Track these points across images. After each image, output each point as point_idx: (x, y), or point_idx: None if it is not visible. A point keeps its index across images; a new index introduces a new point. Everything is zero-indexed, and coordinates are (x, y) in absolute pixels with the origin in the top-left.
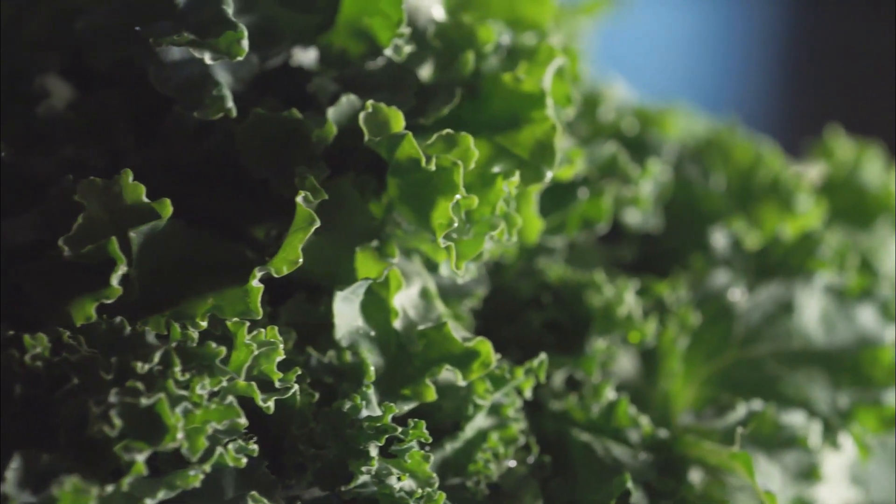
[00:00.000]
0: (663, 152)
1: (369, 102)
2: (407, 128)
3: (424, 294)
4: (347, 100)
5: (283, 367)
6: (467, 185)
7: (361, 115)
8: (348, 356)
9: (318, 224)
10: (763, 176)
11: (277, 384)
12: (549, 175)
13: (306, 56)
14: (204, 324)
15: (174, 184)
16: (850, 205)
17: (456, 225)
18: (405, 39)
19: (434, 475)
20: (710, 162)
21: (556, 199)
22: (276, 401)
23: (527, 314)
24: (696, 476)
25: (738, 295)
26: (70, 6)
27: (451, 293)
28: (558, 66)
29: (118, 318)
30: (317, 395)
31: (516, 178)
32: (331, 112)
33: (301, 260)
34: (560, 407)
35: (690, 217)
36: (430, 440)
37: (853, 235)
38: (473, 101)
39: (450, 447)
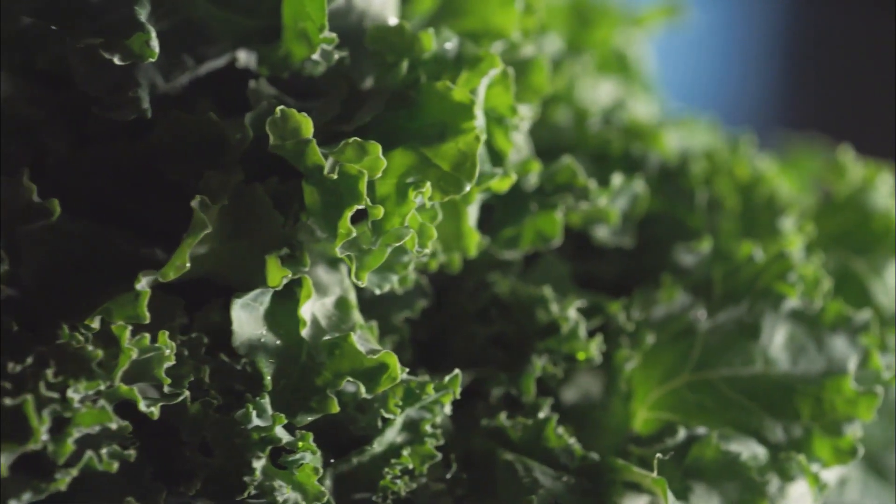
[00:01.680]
0: (648, 167)
1: (279, 107)
2: (330, 134)
3: (341, 304)
4: (268, 104)
5: (173, 372)
6: (384, 196)
7: (268, 120)
8: (248, 364)
9: (208, 230)
10: (760, 194)
11: (166, 390)
12: (467, 187)
13: (252, 59)
14: (95, 326)
15: (103, 185)
16: (854, 226)
17: (355, 235)
18: (334, 45)
19: (323, 490)
20: (701, 178)
21: (511, 211)
22: (172, 407)
23: (473, 328)
24: (626, 501)
25: (700, 316)
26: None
27: (385, 304)
28: (495, 75)
29: None
30: (216, 403)
31: (427, 189)
32: (248, 116)
33: (188, 265)
34: (490, 424)
35: (674, 234)
36: (317, 452)
37: (854, 258)
38: (409, 110)
39: (356, 461)
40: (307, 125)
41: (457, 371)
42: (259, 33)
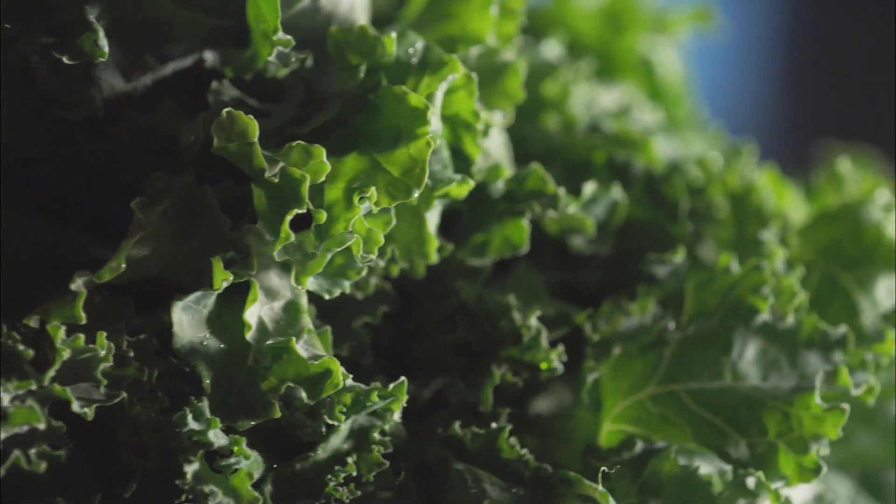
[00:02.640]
0: (633, 176)
1: (225, 109)
2: (283, 137)
3: (290, 308)
4: (219, 106)
5: (113, 373)
6: (333, 201)
7: (214, 122)
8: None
9: (146, 231)
10: (751, 205)
11: (103, 391)
12: (416, 193)
13: (219, 60)
14: (34, 325)
15: (64, 184)
16: (846, 240)
17: (294, 239)
18: (291, 47)
19: (258, 496)
20: (683, 188)
21: (479, 218)
22: (112, 408)
23: (437, 335)
24: None
25: (670, 327)
26: None
27: (346, 309)
28: (457, 80)
29: None
30: (160, 405)
31: (372, 194)
32: (202, 118)
33: (124, 267)
34: (444, 433)
35: (656, 243)
36: (250, 457)
37: (843, 272)
38: (368, 114)
39: (300, 467)
40: (253, 127)
41: (402, 379)
42: (228, 34)
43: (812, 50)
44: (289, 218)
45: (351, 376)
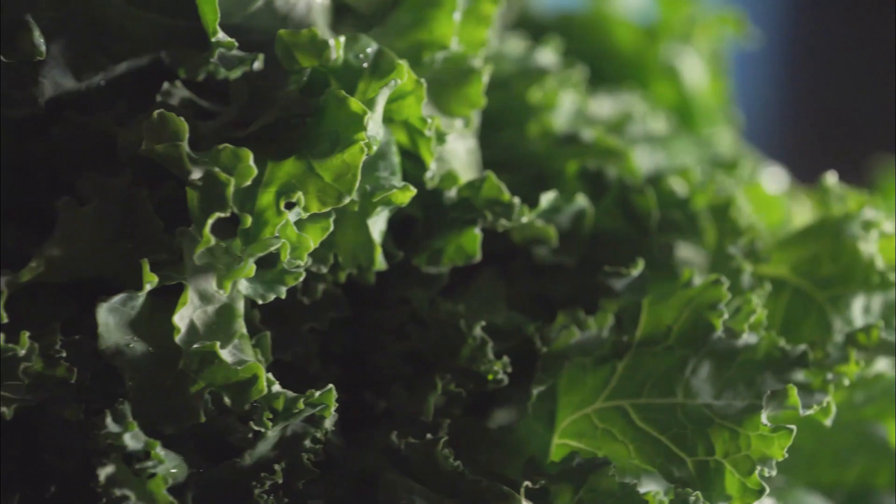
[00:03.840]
0: (605, 187)
1: (156, 111)
2: (222, 140)
3: (223, 312)
4: (166, 107)
5: (38, 373)
6: (265, 205)
7: (145, 123)
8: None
9: (67, 231)
10: (729, 218)
11: (25, 391)
12: (346, 199)
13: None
14: None
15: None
16: (825, 257)
17: (214, 243)
18: (233, 48)
19: (173, 500)
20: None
21: (432, 226)
22: (38, 408)
23: (388, 343)
24: None
25: (626, 341)
26: None
27: (292, 314)
28: (404, 86)
29: None
30: (87, 406)
31: (300, 199)
32: (139, 119)
33: (42, 267)
34: (381, 443)
35: (628, 254)
36: (164, 461)
37: (819, 290)
38: (313, 118)
39: (225, 473)
40: (183, 129)
41: (329, 386)
42: (185, 34)
43: (811, 53)
44: (210, 221)
45: (277, 383)
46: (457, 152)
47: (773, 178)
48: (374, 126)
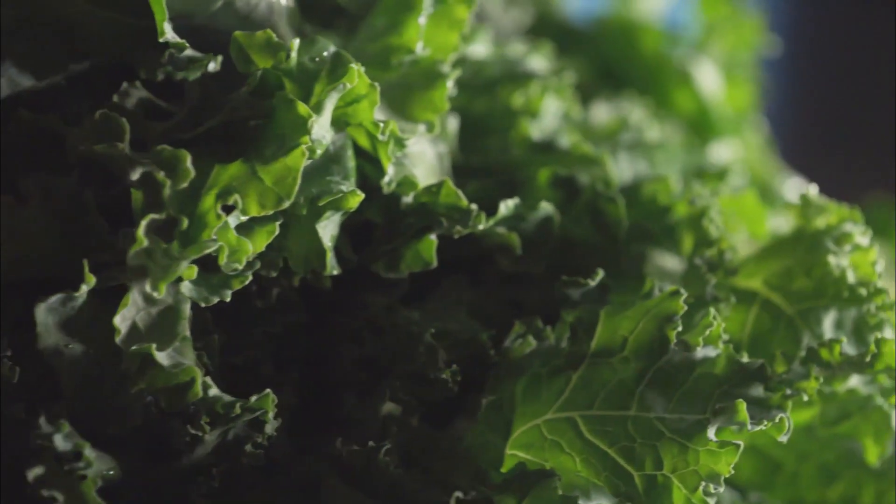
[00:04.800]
0: (576, 195)
1: (101, 111)
2: (170, 141)
3: (167, 314)
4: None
5: None
6: (208, 208)
7: (89, 122)
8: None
9: (11, 232)
10: (703, 228)
11: None
12: (286, 203)
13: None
14: None
15: None
16: (799, 271)
17: (147, 244)
18: (184, 49)
19: (101, 502)
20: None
21: (390, 231)
22: None
23: (343, 348)
24: None
25: (582, 351)
26: None
27: (246, 318)
28: (351, 89)
29: None
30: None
31: (237, 202)
32: (88, 119)
33: None
34: (325, 449)
35: (596, 263)
36: (94, 463)
37: (792, 304)
38: (263, 121)
39: (165, 476)
40: (124, 129)
41: (267, 391)
42: (148, 34)
43: (811, 52)
44: (144, 223)
45: (214, 387)
46: (424, 157)
47: (795, 189)
48: (321, 129)
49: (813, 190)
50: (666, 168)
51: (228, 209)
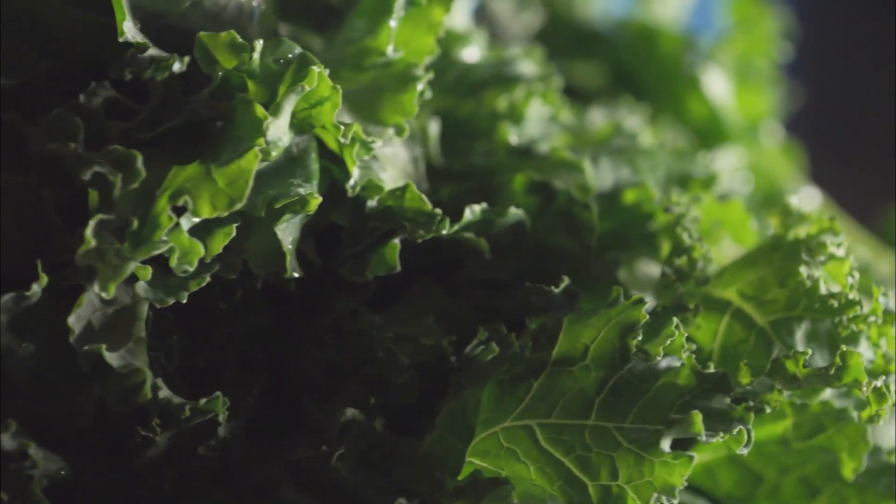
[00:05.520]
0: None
1: (57, 110)
2: (129, 141)
3: (123, 314)
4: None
5: None
6: (162, 209)
7: (46, 121)
8: None
9: None
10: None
11: None
12: (238, 205)
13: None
14: None
15: None
16: (773, 283)
17: (94, 244)
18: (146, 49)
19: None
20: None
21: (355, 234)
22: None
23: (306, 352)
24: None
25: (545, 359)
26: None
27: (208, 319)
28: (312, 91)
29: None
30: None
31: (187, 203)
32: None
33: None
34: (281, 453)
35: (570, 269)
36: (40, 463)
37: (763, 313)
38: (224, 122)
39: (116, 477)
40: (77, 128)
41: (217, 394)
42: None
43: (811, 52)
44: (92, 223)
45: (164, 388)
46: (396, 160)
47: (807, 198)
48: (277, 131)
49: (793, 200)
50: (649, 175)
51: (181, 210)
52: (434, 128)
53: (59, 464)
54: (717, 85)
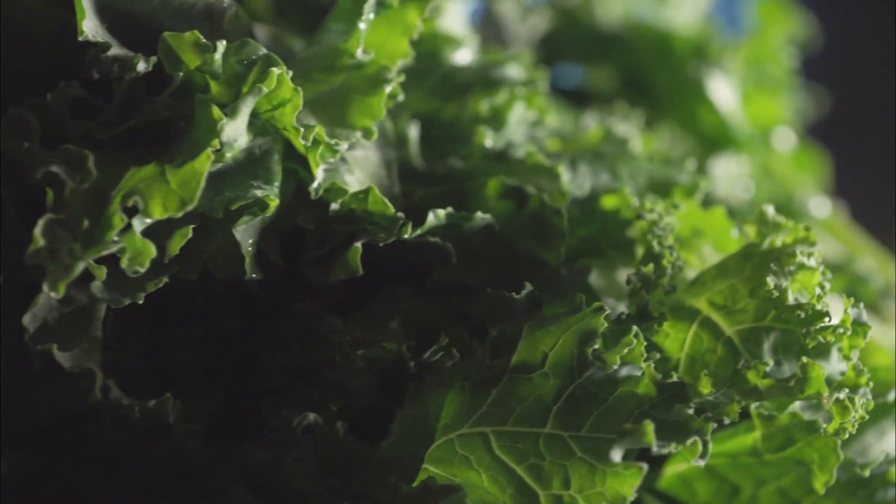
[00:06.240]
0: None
1: (13, 109)
2: (89, 141)
3: (79, 314)
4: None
5: None
6: (114, 209)
7: (3, 120)
8: None
9: None
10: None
11: None
12: (189, 207)
13: None
14: None
15: None
16: (741, 289)
17: (43, 244)
18: (108, 49)
19: None
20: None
21: (319, 238)
22: None
23: (269, 355)
24: None
25: (503, 366)
26: None
27: (171, 321)
28: (262, 93)
29: None
30: None
31: (135, 202)
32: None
33: None
34: (234, 455)
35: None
36: None
37: (731, 323)
38: (185, 123)
39: (71, 477)
40: (33, 128)
41: (167, 395)
42: None
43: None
44: (42, 223)
45: (115, 389)
46: (367, 162)
47: (818, 208)
48: (234, 132)
49: (769, 208)
50: (630, 181)
51: (134, 211)
52: (413, 131)
53: (14, 462)
54: (722, 90)
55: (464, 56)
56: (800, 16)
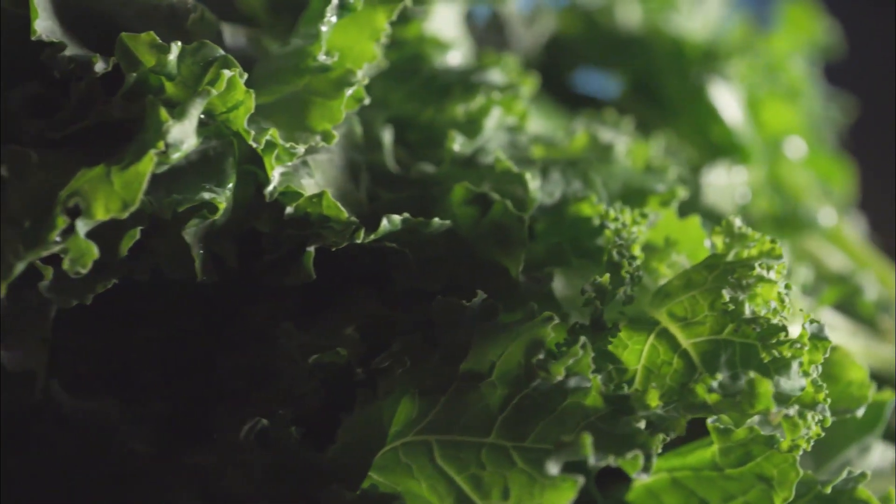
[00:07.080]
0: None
1: None
2: (41, 141)
3: (28, 314)
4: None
5: None
6: (58, 210)
7: None
8: None
9: None
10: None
11: None
12: (131, 209)
13: None
14: None
15: None
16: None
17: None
18: (63, 49)
19: None
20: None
21: (275, 241)
22: None
23: (225, 359)
24: None
25: (453, 374)
26: None
27: (128, 323)
28: (211, 95)
29: None
30: None
31: (76, 203)
32: None
33: None
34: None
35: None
36: None
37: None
38: (138, 123)
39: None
40: None
41: (109, 397)
42: None
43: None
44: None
45: (59, 391)
46: (330, 166)
47: (827, 218)
48: (181, 134)
49: (736, 219)
50: (602, 189)
51: (77, 212)
52: (388, 134)
53: None
54: (727, 98)
55: (451, 59)
56: (824, 22)
